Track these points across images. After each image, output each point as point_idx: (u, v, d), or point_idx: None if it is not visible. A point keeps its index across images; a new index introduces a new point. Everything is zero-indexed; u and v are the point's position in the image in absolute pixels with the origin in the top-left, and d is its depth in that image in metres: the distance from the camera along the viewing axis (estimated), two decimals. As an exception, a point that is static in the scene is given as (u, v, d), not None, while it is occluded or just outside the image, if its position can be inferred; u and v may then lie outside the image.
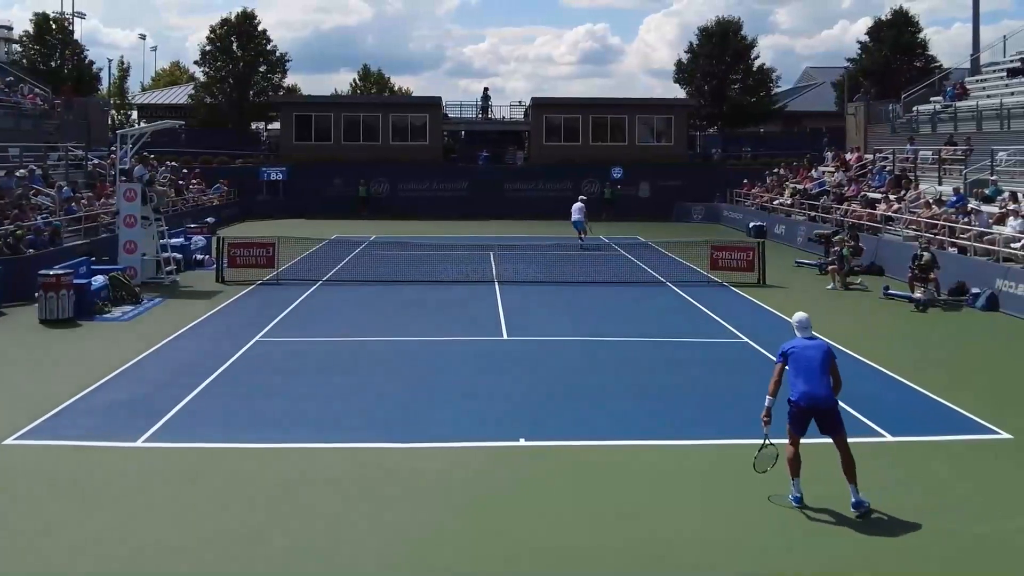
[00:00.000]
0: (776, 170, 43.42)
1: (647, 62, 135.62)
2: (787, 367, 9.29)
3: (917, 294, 20.69)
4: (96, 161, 36.17)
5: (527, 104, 53.95)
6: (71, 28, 57.28)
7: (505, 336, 17.43)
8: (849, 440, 11.06)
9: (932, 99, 39.39)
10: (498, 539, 8.45)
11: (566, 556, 8.12)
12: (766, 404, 9.32)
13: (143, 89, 74.83)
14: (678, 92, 58.69)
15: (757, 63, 57.83)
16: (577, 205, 32.85)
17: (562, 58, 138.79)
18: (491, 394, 13.26)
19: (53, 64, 54.72)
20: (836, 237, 25.29)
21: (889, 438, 11.30)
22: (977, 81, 38.89)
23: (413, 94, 78.08)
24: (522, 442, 11.08)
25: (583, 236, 32.05)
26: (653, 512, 9.03)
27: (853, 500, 8.99)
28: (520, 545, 8.31)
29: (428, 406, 12.62)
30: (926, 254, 21.39)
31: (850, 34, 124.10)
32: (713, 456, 10.71)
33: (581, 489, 9.61)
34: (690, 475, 10.09)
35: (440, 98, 52.28)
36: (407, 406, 12.61)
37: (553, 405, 12.71)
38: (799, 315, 9.72)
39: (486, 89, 55.16)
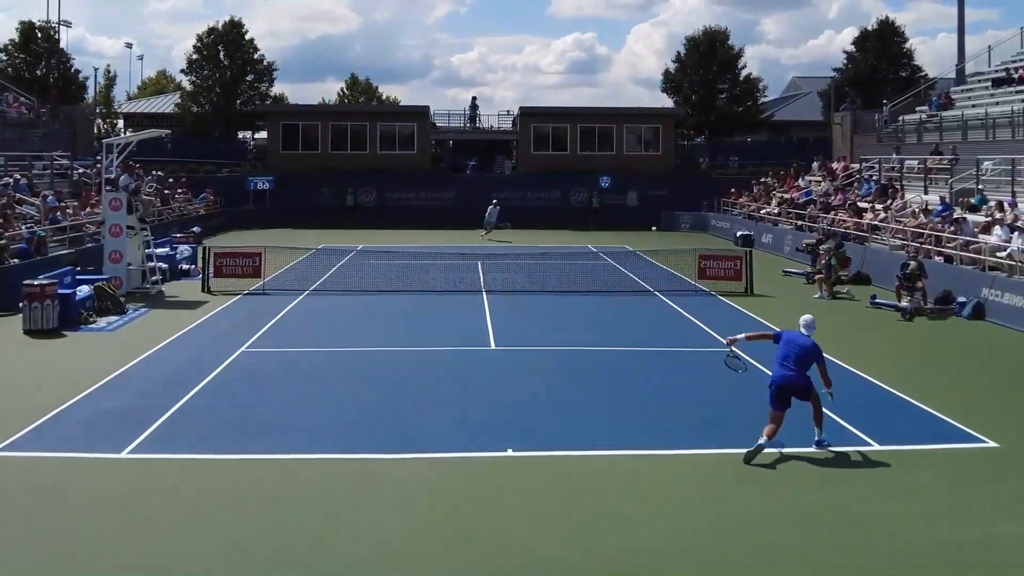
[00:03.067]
0: (763, 179, 43.58)
1: (635, 71, 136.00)
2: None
3: (903, 303, 20.76)
4: (82, 170, 36.02)
5: (515, 113, 54.01)
6: (57, 36, 57.07)
7: (493, 346, 17.39)
8: (836, 448, 11.20)
9: (918, 109, 39.67)
10: (486, 550, 8.40)
11: (554, 566, 8.08)
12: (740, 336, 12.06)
13: (129, 98, 74.52)
14: (666, 101, 58.94)
15: (744, 73, 58.15)
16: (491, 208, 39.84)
17: (550, 67, 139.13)
18: (479, 404, 13.22)
19: (39, 72, 54.50)
20: (823, 247, 25.35)
21: (876, 446, 11.31)
22: (962, 91, 39.18)
23: (401, 103, 78.07)
24: (510, 452, 11.04)
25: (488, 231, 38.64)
26: (641, 522, 9.00)
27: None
28: (508, 556, 8.26)
29: (415, 416, 12.56)
30: (912, 263, 21.48)
31: (836, 44, 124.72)
32: (702, 466, 10.69)
33: (569, 499, 9.58)
34: (679, 485, 10.07)
35: (428, 107, 52.30)
36: (394, 416, 12.55)
37: (541, 415, 12.68)
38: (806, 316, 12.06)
39: (474, 98, 55.24)
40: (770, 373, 14.98)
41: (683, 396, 13.83)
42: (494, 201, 41.12)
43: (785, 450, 11.17)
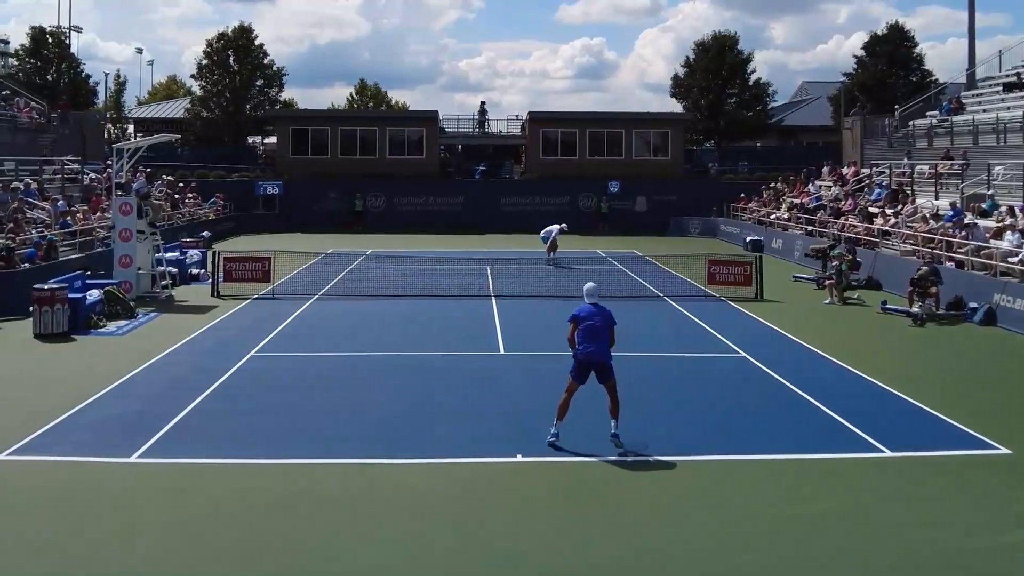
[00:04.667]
0: (773, 184, 43.48)
1: (643, 76, 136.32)
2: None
3: (914, 308, 20.66)
4: (92, 175, 36.12)
5: (524, 118, 54.00)
6: (67, 42, 57.43)
7: (502, 351, 17.35)
8: (847, 455, 11.14)
9: (928, 113, 39.53)
10: (495, 556, 8.36)
11: (563, 573, 8.04)
12: None
13: (139, 103, 74.97)
14: (674, 106, 58.87)
15: (753, 78, 58.03)
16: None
17: (558, 72, 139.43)
18: (488, 410, 13.18)
19: (49, 78, 54.84)
20: (834, 252, 25.25)
21: (888, 453, 11.24)
22: (973, 96, 39.03)
23: (409, 108, 78.22)
24: (519, 458, 10.99)
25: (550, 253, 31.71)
26: (648, 529, 8.96)
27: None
28: (517, 562, 8.22)
29: (424, 422, 12.52)
30: (923, 268, 21.38)
31: (845, 49, 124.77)
32: (709, 472, 10.64)
33: (578, 505, 9.55)
34: (686, 491, 10.01)
35: (437, 112, 52.35)
36: (403, 422, 12.51)
37: (550, 421, 12.58)
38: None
39: (483, 103, 55.43)
40: (780, 379, 15.01)
41: (691, 402, 13.78)
42: (563, 225, 33.60)
43: (793, 456, 11.12)
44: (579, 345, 11.27)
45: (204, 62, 56.27)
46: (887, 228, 28.57)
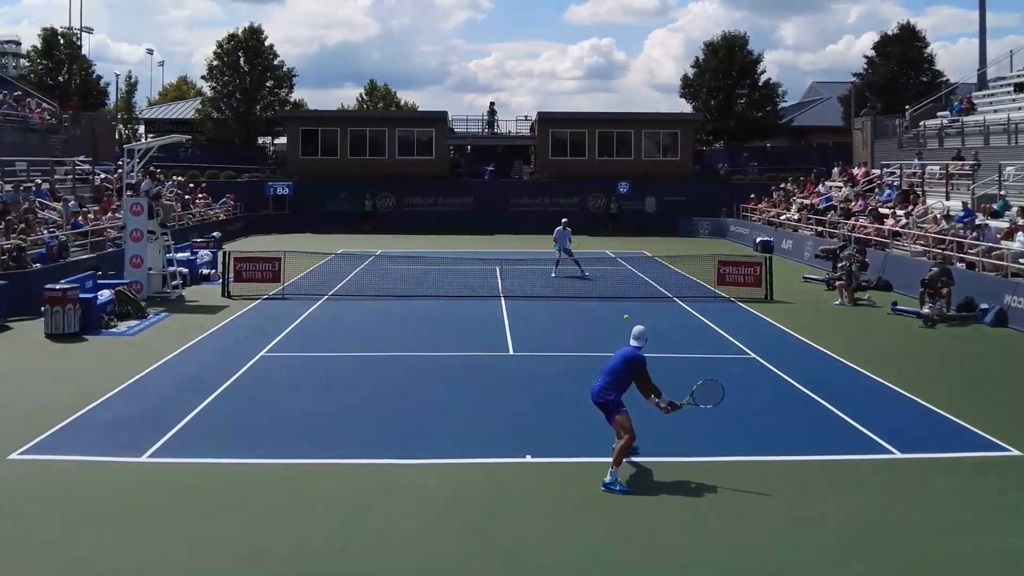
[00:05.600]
0: (783, 185, 43.37)
1: (652, 77, 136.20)
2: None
3: (925, 310, 20.58)
4: (103, 176, 36.24)
5: (533, 119, 53.99)
6: (79, 43, 57.71)
7: (511, 352, 17.35)
8: (857, 457, 11.10)
9: (939, 114, 39.38)
10: (504, 557, 8.37)
11: (572, 574, 8.04)
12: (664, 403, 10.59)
13: (150, 104, 75.20)
14: (684, 107, 58.76)
15: (763, 78, 57.85)
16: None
17: (567, 73, 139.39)
18: (497, 410, 13.19)
19: (61, 79, 55.04)
20: (844, 252, 25.18)
21: (898, 455, 11.20)
22: (984, 96, 38.88)
23: (419, 109, 78.29)
24: (528, 459, 11.00)
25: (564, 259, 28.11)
26: (658, 531, 8.95)
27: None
28: (526, 563, 8.23)
29: (433, 422, 12.54)
30: (934, 269, 21.30)
31: (855, 49, 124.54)
32: (719, 473, 10.61)
33: (587, 506, 9.54)
34: (695, 492, 9.99)
35: (446, 113, 52.35)
36: (412, 422, 12.53)
37: (559, 421, 12.64)
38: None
39: (492, 103, 55.47)
40: (790, 380, 14.99)
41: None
42: (564, 220, 29.25)
43: (803, 457, 11.10)
44: None
45: (214, 63, 56.40)
46: (898, 229, 28.49)
